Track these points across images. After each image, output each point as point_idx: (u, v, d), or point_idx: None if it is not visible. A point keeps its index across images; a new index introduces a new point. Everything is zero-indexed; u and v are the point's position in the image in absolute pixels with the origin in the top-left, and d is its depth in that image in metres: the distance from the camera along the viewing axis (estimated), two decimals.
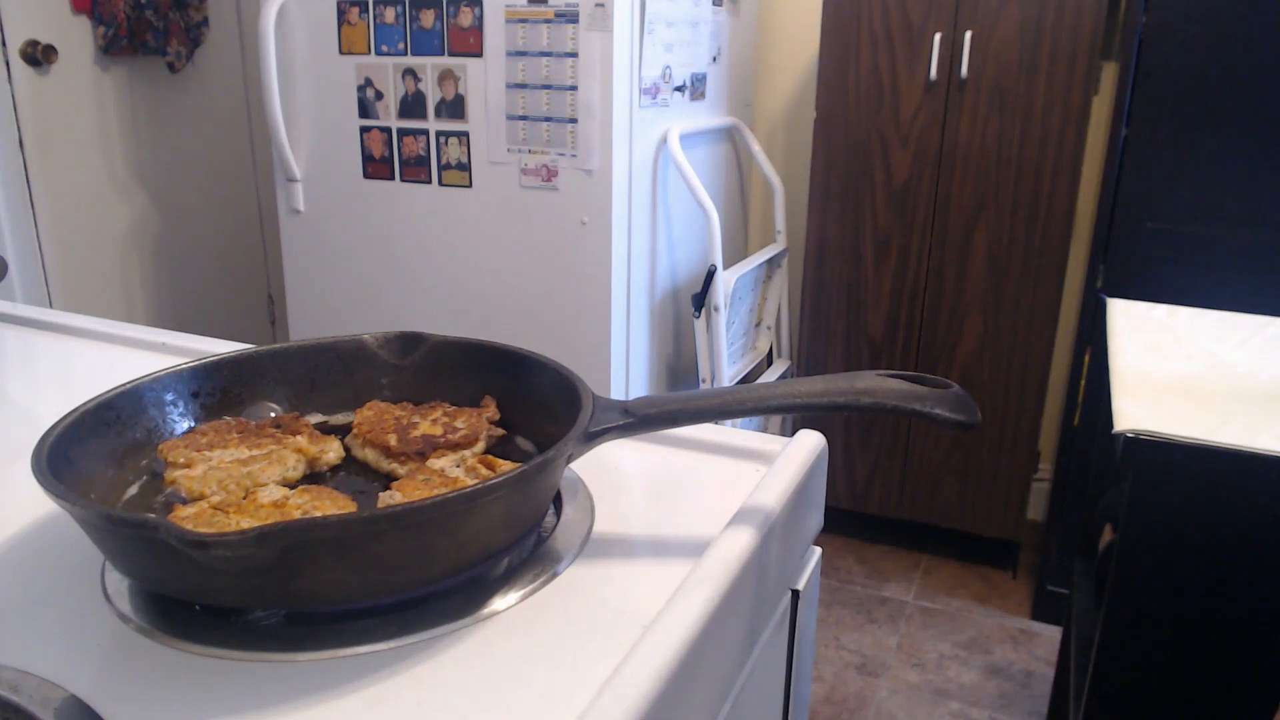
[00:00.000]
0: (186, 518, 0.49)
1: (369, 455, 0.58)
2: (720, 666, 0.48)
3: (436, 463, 0.56)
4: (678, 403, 0.54)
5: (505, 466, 0.54)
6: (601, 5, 1.71)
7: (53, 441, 0.49)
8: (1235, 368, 1.17)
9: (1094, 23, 1.89)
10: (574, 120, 1.79)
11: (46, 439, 0.49)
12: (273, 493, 0.52)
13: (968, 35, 1.97)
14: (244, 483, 0.53)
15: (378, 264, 2.07)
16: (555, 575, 0.50)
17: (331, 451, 0.59)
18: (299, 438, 0.58)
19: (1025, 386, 2.13)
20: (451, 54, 1.85)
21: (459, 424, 0.59)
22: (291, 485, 0.55)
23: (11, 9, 2.17)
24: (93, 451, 0.52)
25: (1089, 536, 1.60)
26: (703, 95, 2.14)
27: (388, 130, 1.96)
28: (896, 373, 0.53)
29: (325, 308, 2.16)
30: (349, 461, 0.60)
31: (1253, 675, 1.00)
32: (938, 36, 1.99)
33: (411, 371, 0.65)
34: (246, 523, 0.48)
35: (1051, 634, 2.08)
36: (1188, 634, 1.02)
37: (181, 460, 0.55)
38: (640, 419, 0.53)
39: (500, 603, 0.48)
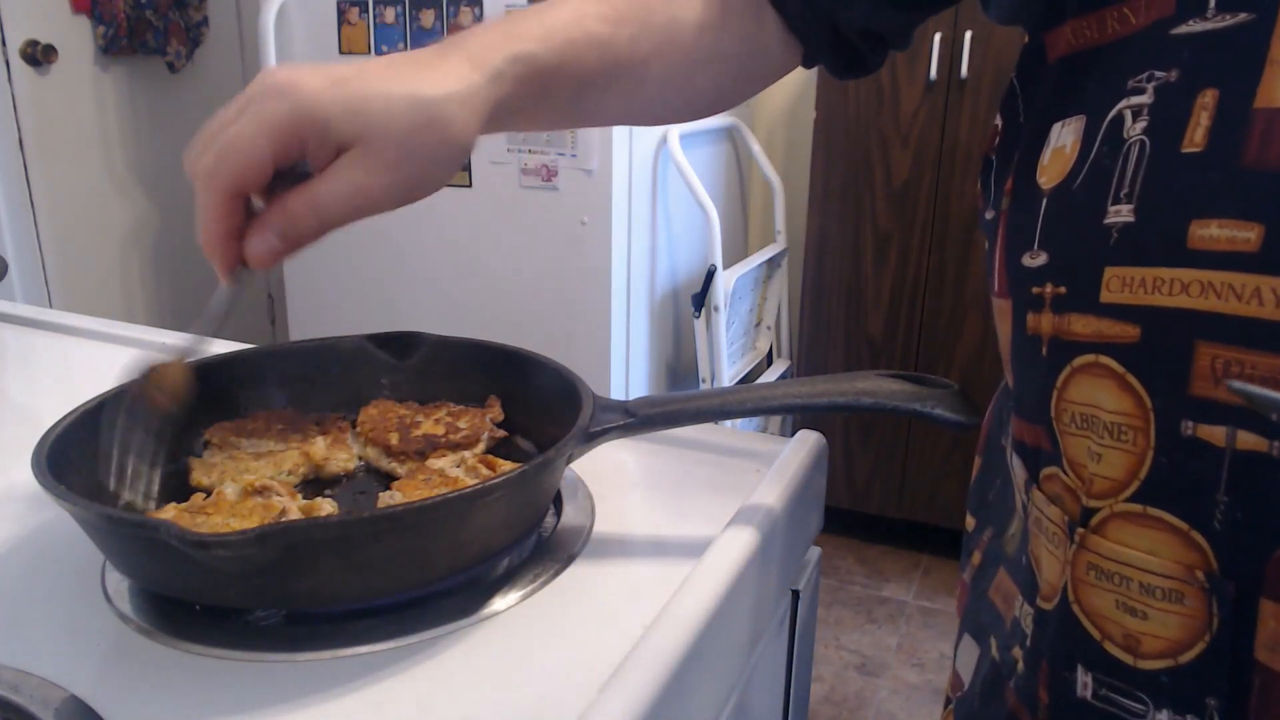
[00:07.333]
0: (177, 517, 0.49)
1: (370, 453, 0.59)
2: (720, 667, 0.48)
3: (437, 463, 0.56)
4: (678, 403, 0.54)
5: (505, 467, 0.54)
6: None
7: (53, 441, 0.49)
8: None
9: None
10: None
11: (46, 439, 0.49)
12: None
13: (968, 35, 1.97)
14: (241, 480, 0.53)
15: (378, 264, 2.06)
16: (555, 575, 0.50)
17: (339, 461, 0.58)
18: (324, 439, 0.58)
19: None
20: None
21: (461, 424, 0.59)
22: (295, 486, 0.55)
23: (11, 9, 2.17)
24: (93, 451, 0.52)
25: None
26: None
27: None
28: (896, 373, 0.53)
29: (325, 308, 2.16)
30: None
31: None
32: (938, 36, 1.99)
33: (411, 372, 0.65)
34: (235, 523, 0.48)
35: None
36: None
37: (217, 441, 0.56)
38: (640, 419, 0.53)
39: (500, 603, 0.47)
